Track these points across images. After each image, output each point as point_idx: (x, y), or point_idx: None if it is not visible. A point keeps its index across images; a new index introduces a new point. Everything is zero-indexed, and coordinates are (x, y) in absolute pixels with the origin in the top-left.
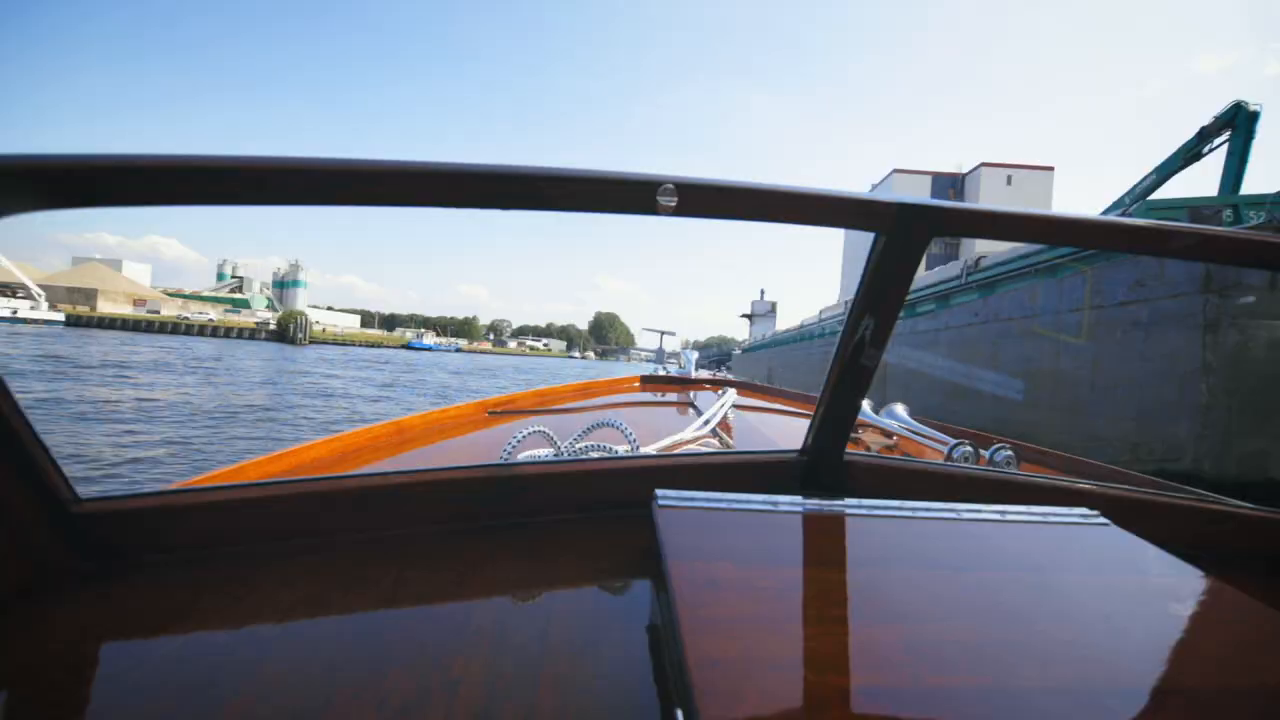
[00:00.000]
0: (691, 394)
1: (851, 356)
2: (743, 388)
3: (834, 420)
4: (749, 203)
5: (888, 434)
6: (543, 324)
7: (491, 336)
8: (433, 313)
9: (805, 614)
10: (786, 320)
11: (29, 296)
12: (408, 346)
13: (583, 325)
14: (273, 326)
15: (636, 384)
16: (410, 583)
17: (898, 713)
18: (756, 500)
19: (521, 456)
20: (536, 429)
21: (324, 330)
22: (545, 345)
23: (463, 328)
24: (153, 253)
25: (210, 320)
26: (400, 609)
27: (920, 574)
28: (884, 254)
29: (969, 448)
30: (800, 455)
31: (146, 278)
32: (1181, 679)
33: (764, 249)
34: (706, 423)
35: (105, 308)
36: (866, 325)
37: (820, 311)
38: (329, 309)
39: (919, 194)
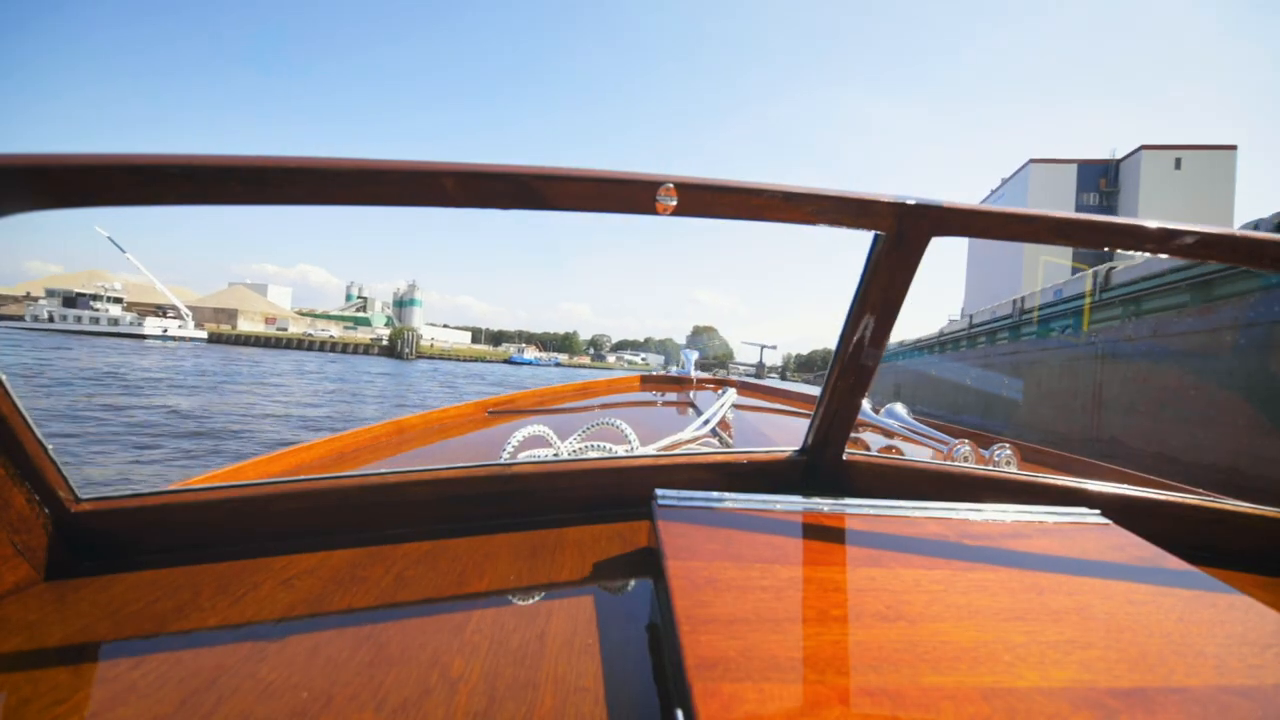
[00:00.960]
0: (691, 394)
1: (851, 356)
2: (743, 388)
3: (834, 420)
4: (748, 202)
5: (888, 434)
6: (641, 339)
7: (592, 351)
8: (537, 329)
9: (805, 614)
10: (904, 331)
11: (179, 316)
12: (509, 361)
13: (681, 339)
14: (384, 342)
15: (636, 384)
16: (410, 583)
17: (897, 713)
18: (756, 500)
19: (521, 456)
20: (536, 429)
21: (432, 345)
22: (643, 359)
23: (564, 343)
24: (301, 279)
25: (330, 337)
26: (400, 609)
27: (920, 574)
28: (884, 254)
29: (969, 448)
30: (800, 455)
31: (288, 300)
32: (1181, 679)
33: None
34: (706, 422)
35: (244, 326)
36: (866, 325)
37: (949, 320)
38: (444, 326)
39: (1061, 187)
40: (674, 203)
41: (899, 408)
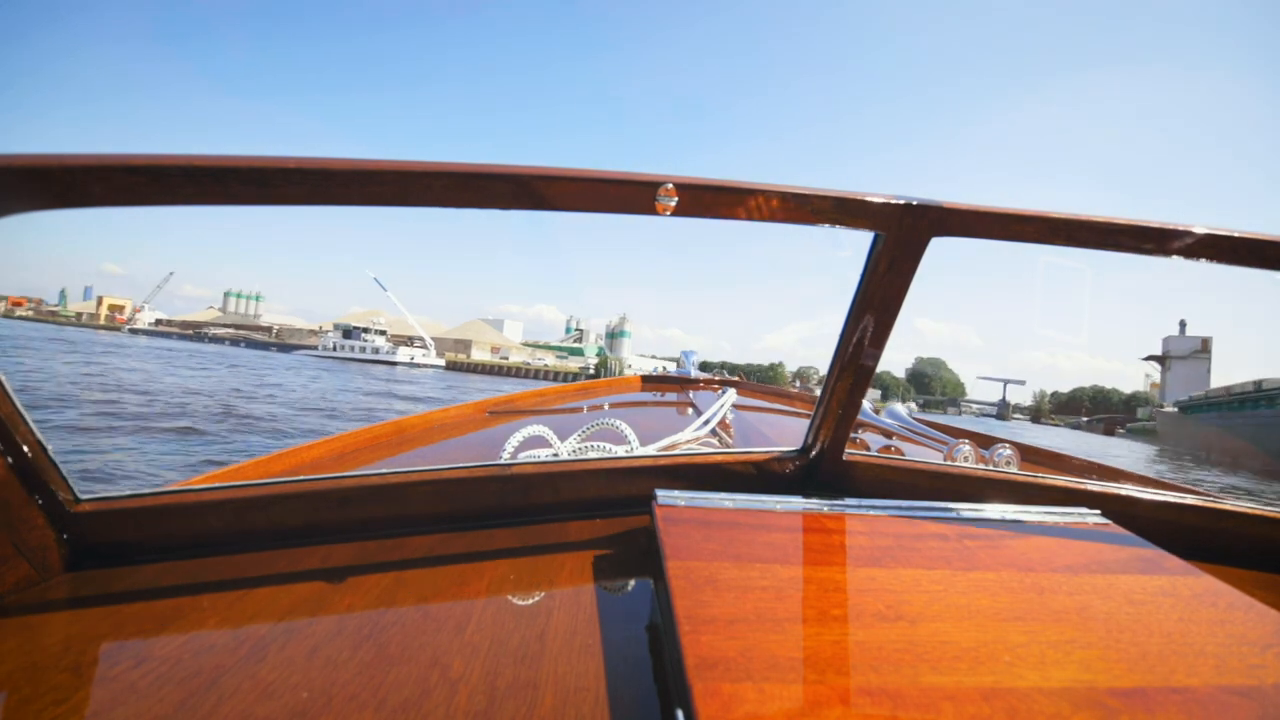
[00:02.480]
0: (691, 394)
1: (851, 356)
2: (743, 388)
3: (834, 420)
4: (748, 203)
5: (888, 434)
6: None
7: (798, 385)
8: (741, 360)
9: (805, 614)
10: (1228, 371)
11: (424, 346)
12: None
13: (900, 373)
14: (591, 371)
15: (637, 384)
16: (410, 583)
17: (897, 713)
18: (756, 500)
19: (521, 456)
20: (536, 429)
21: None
22: None
23: (768, 374)
24: (537, 317)
25: (545, 365)
26: (400, 609)
27: (920, 574)
28: (884, 254)
29: (969, 448)
30: (800, 455)
31: (519, 334)
32: (1181, 679)
33: (1171, 270)
34: (706, 423)
35: (475, 355)
36: (866, 325)
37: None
38: (651, 357)
39: None
40: (674, 203)
41: (899, 407)
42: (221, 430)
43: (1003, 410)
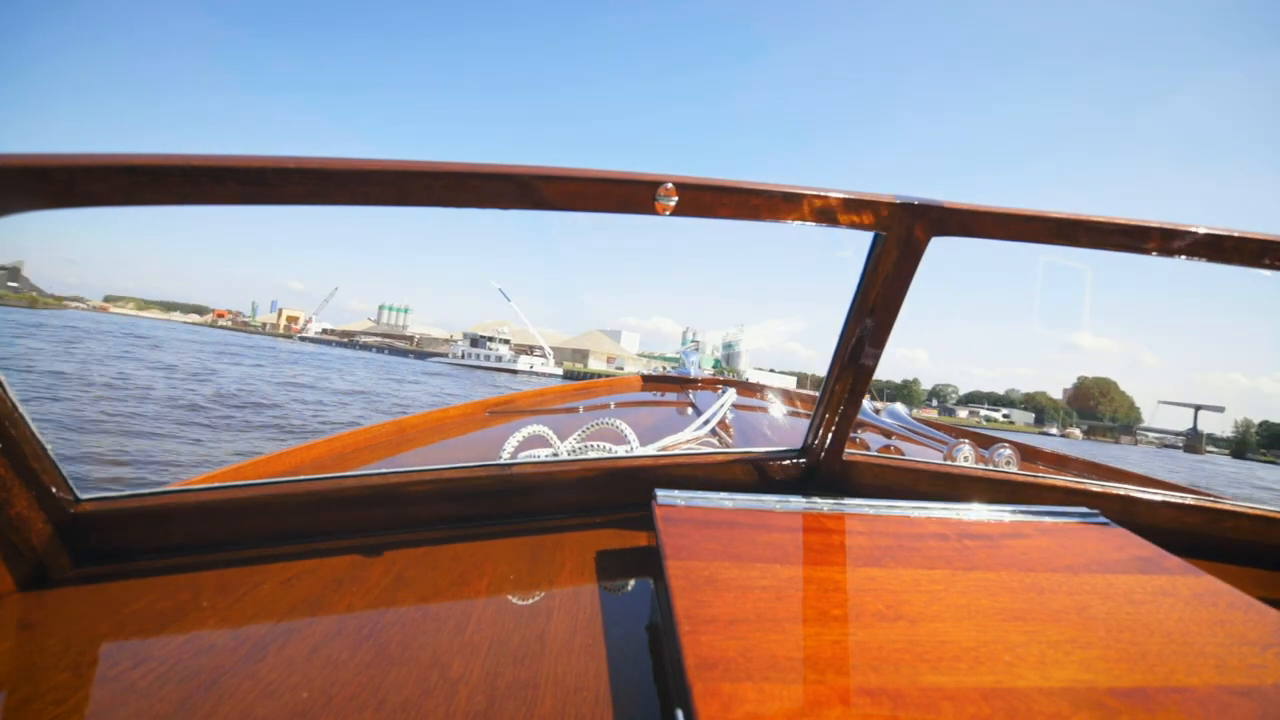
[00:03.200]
0: (691, 394)
1: (851, 356)
2: (743, 387)
3: (834, 420)
4: (748, 202)
5: (888, 434)
6: (1000, 390)
7: (935, 403)
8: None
9: (805, 614)
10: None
11: (544, 355)
12: None
13: (1058, 393)
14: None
15: (637, 384)
16: (410, 583)
17: (897, 713)
18: (756, 500)
19: (521, 456)
20: (536, 429)
21: None
22: (1005, 416)
23: (901, 391)
24: (654, 329)
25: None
26: (400, 609)
27: (920, 574)
28: (884, 254)
29: (969, 447)
30: (800, 455)
31: (636, 345)
32: (1182, 679)
33: None
34: (706, 423)
35: (591, 365)
36: (866, 326)
37: None
38: (770, 370)
39: None
40: (674, 202)
41: (899, 407)
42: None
43: (1193, 441)
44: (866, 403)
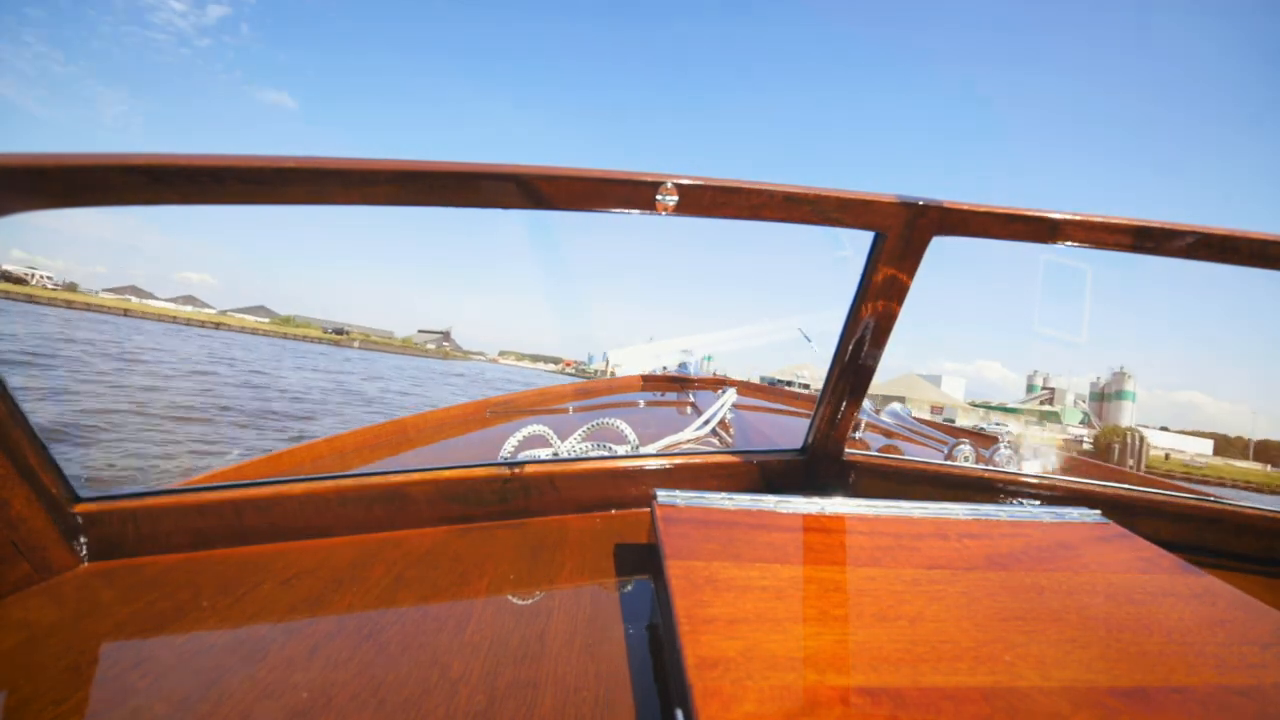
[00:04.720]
0: (691, 394)
1: (851, 356)
2: (743, 387)
3: (834, 420)
4: (748, 202)
5: (888, 434)
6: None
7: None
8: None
9: (805, 613)
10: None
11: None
12: None
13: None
14: (1086, 445)
15: (637, 384)
16: (410, 582)
17: (897, 713)
18: (756, 500)
19: (522, 456)
20: (536, 429)
21: (1166, 458)
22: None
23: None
24: (977, 374)
25: (1010, 432)
26: (400, 608)
27: (920, 574)
28: (885, 254)
29: (969, 447)
30: (800, 455)
31: (961, 392)
32: (1182, 679)
33: None
34: (706, 422)
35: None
36: (866, 326)
37: None
38: (1162, 429)
39: None
40: (674, 202)
41: (899, 407)
42: None
43: None
44: (867, 403)
